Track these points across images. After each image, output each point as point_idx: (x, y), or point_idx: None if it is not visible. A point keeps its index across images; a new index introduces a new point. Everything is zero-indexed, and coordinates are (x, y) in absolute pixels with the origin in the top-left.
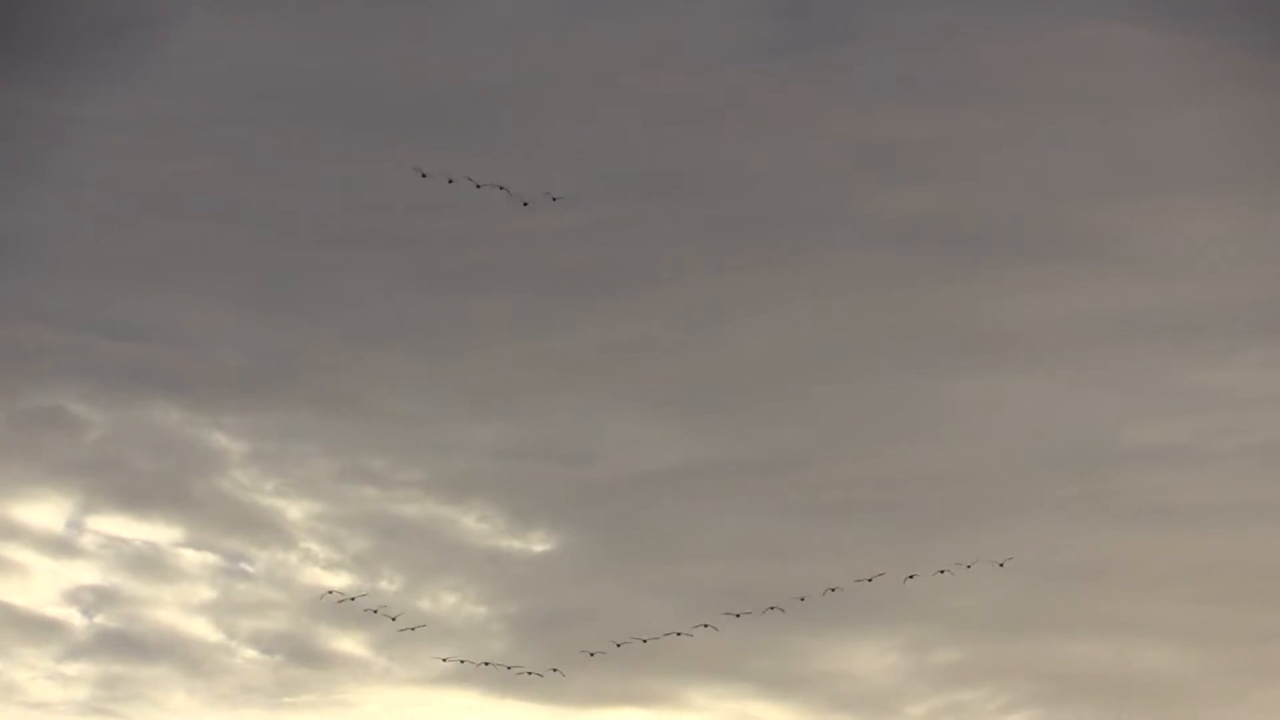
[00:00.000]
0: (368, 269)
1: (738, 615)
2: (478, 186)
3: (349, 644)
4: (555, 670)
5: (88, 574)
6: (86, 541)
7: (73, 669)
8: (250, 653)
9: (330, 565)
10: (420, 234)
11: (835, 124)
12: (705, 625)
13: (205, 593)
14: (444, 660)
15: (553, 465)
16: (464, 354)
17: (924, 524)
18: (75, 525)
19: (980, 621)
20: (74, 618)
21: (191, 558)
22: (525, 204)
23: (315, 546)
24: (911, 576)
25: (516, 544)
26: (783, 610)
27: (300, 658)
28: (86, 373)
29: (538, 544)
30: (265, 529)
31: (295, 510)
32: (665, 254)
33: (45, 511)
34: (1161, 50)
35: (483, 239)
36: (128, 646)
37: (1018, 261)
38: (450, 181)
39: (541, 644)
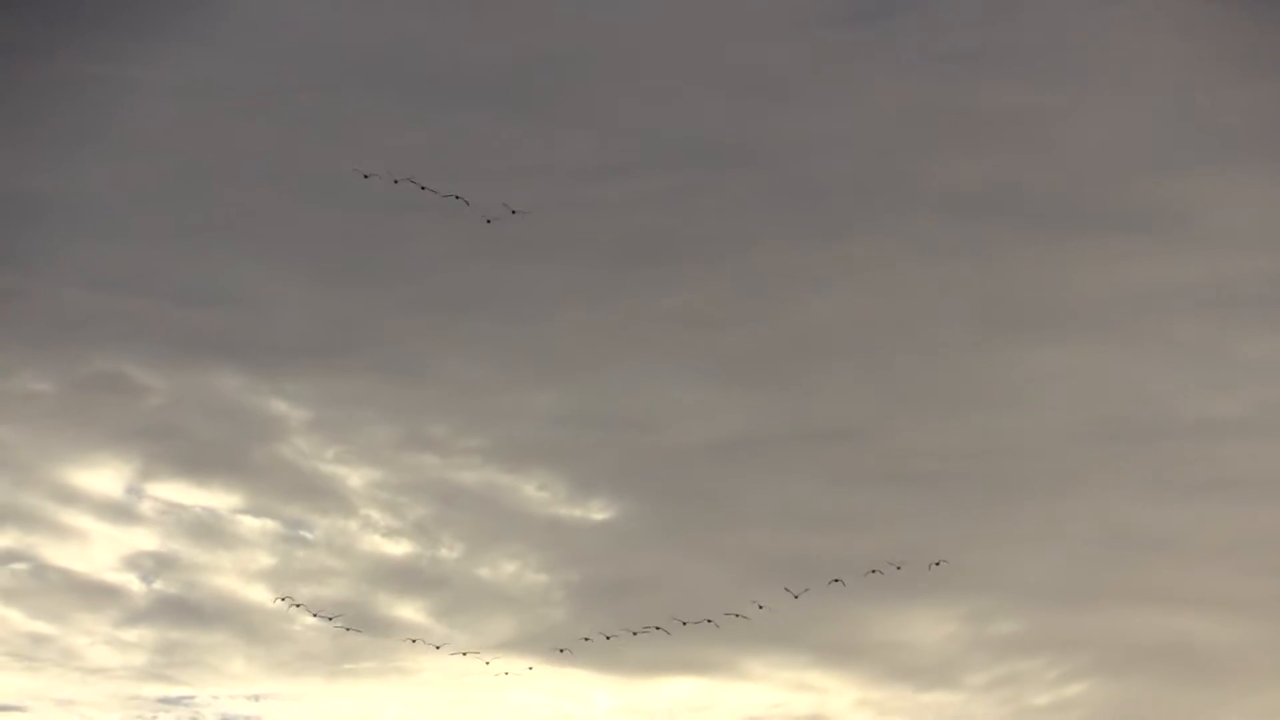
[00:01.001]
0: (431, 238)
1: (760, 607)
2: (422, 189)
3: (408, 611)
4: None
5: (147, 540)
6: (146, 507)
7: (131, 634)
8: (309, 619)
9: (390, 533)
10: (483, 202)
11: (900, 96)
12: (736, 615)
13: (264, 559)
14: (412, 641)
15: (614, 434)
16: (526, 322)
17: (984, 495)
18: (135, 491)
19: (1039, 592)
20: (133, 583)
21: (251, 524)
22: (489, 220)
23: (375, 514)
24: (837, 580)
25: (577, 512)
26: (795, 597)
27: (360, 625)
28: (148, 339)
29: (598, 512)
30: (325, 496)
31: (356, 477)
32: (728, 224)
33: (105, 477)
34: (1224, 23)
35: (545, 208)
36: (186, 612)
37: (1079, 234)
38: (395, 182)
39: (602, 612)
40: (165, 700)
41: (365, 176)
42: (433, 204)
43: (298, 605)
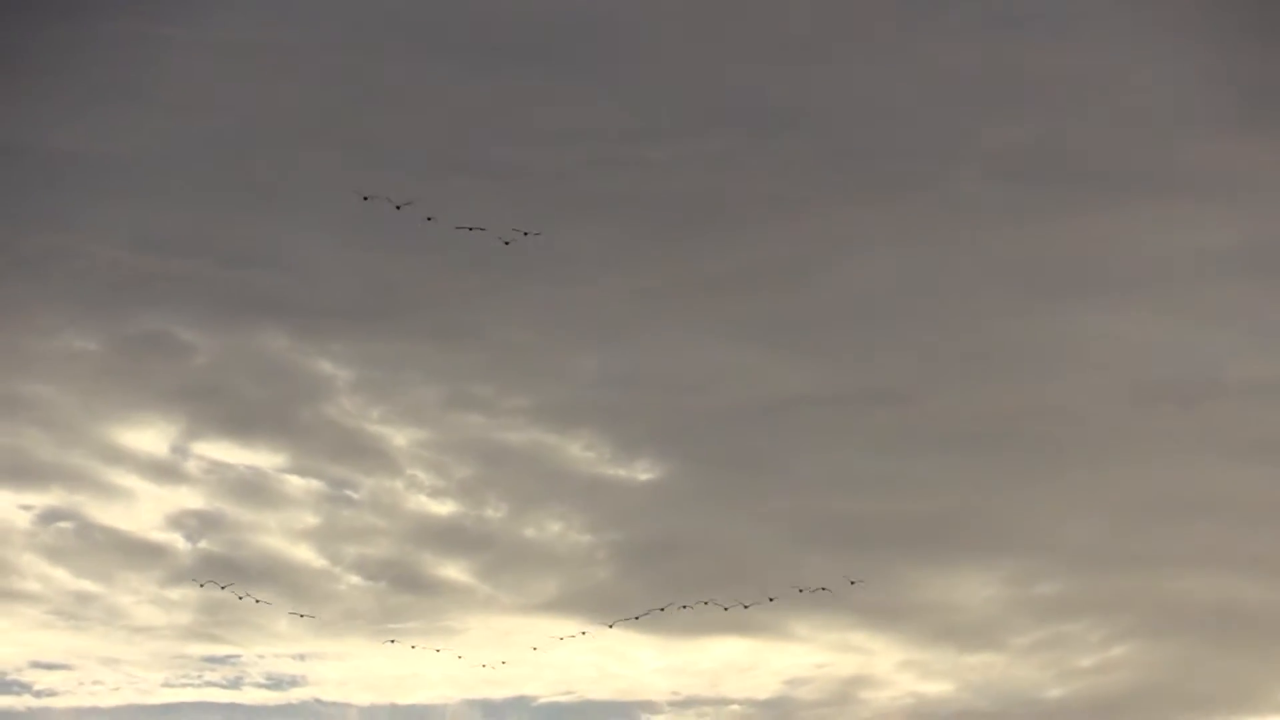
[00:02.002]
0: (480, 197)
1: (747, 606)
2: (428, 219)
3: (454, 571)
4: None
5: (192, 499)
6: (191, 466)
7: (176, 594)
8: (354, 579)
9: (435, 492)
10: (527, 164)
11: (946, 60)
12: (751, 602)
13: (309, 519)
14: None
15: (659, 396)
16: (572, 284)
17: (1029, 457)
18: (180, 450)
19: (1083, 555)
20: (178, 542)
21: (296, 484)
22: (506, 242)
23: (421, 473)
24: (771, 599)
25: (621, 473)
26: (739, 605)
27: (405, 584)
28: (194, 298)
29: (643, 473)
30: (371, 456)
31: (401, 437)
32: (771, 188)
33: (150, 436)
34: None
35: (589, 171)
36: (231, 572)
37: (1125, 197)
38: (397, 208)
39: (646, 572)
40: (210, 659)
41: (365, 199)
42: (478, 166)
43: (222, 587)
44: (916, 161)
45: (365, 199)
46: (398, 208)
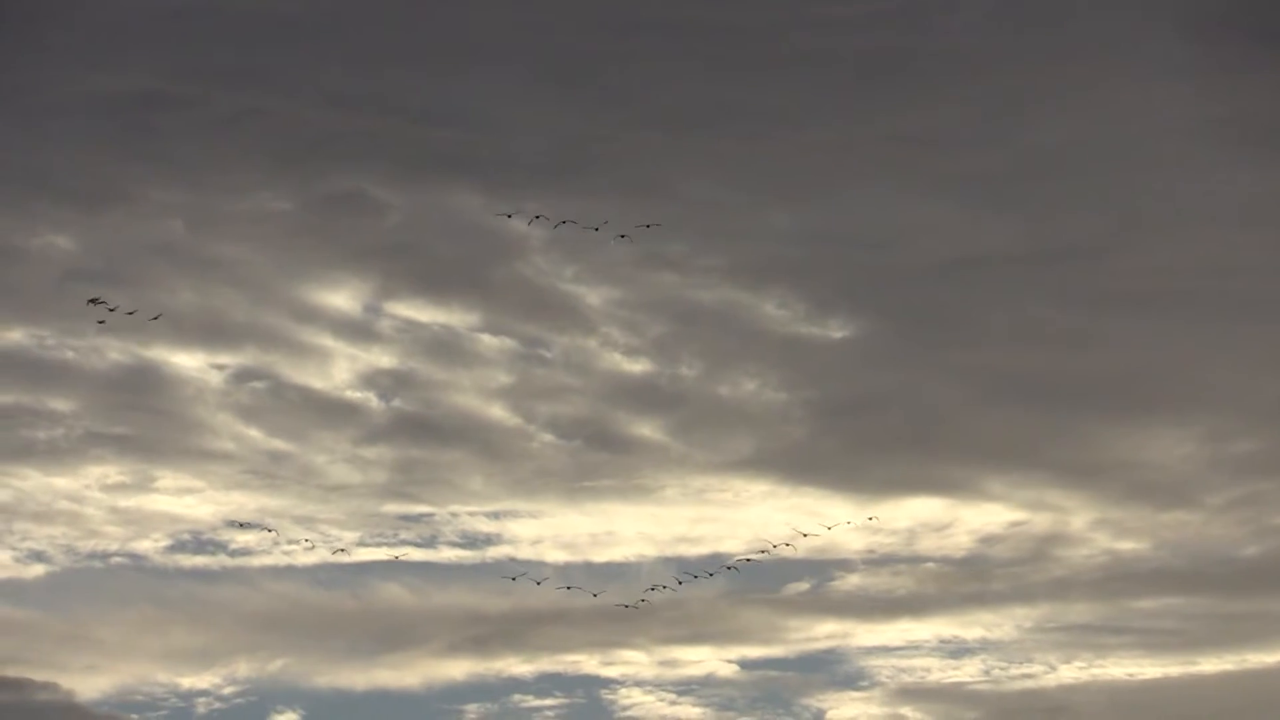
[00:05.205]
0: (671, 55)
1: (694, 576)
2: (559, 224)
3: (647, 429)
4: None
5: (385, 358)
6: (384, 326)
7: (370, 453)
8: (548, 437)
9: (629, 351)
10: (724, 20)
11: None
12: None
13: (503, 377)
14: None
15: (852, 252)
16: (765, 140)
17: (1222, 314)
18: (373, 309)
19: (1279, 412)
20: (371, 401)
21: (489, 342)
22: (649, 226)
23: (614, 332)
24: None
25: (815, 331)
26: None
27: (598, 442)
28: (387, 157)
29: (836, 331)
30: (564, 314)
31: (594, 296)
32: (968, 44)
33: (343, 296)
34: None
35: (786, 26)
36: (425, 431)
37: None
38: (528, 223)
39: (840, 430)
40: (405, 518)
41: (507, 216)
42: (669, 24)
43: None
44: (1109, 20)
45: (508, 216)
46: (528, 222)
